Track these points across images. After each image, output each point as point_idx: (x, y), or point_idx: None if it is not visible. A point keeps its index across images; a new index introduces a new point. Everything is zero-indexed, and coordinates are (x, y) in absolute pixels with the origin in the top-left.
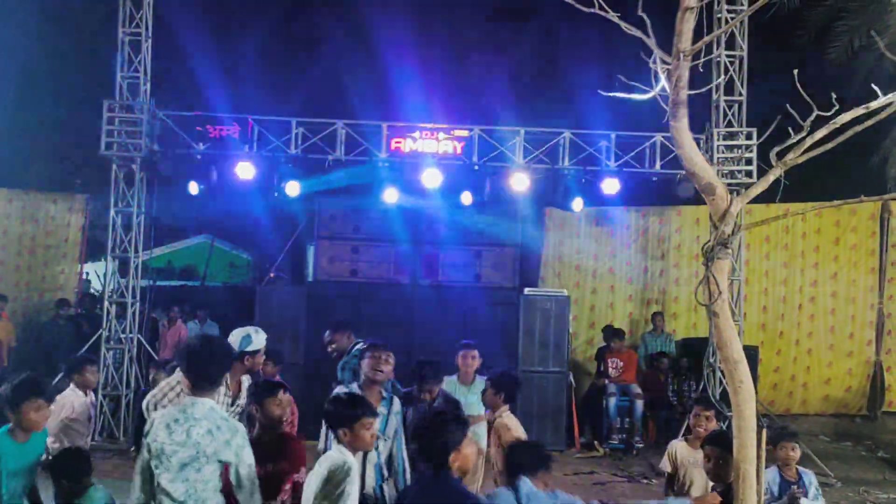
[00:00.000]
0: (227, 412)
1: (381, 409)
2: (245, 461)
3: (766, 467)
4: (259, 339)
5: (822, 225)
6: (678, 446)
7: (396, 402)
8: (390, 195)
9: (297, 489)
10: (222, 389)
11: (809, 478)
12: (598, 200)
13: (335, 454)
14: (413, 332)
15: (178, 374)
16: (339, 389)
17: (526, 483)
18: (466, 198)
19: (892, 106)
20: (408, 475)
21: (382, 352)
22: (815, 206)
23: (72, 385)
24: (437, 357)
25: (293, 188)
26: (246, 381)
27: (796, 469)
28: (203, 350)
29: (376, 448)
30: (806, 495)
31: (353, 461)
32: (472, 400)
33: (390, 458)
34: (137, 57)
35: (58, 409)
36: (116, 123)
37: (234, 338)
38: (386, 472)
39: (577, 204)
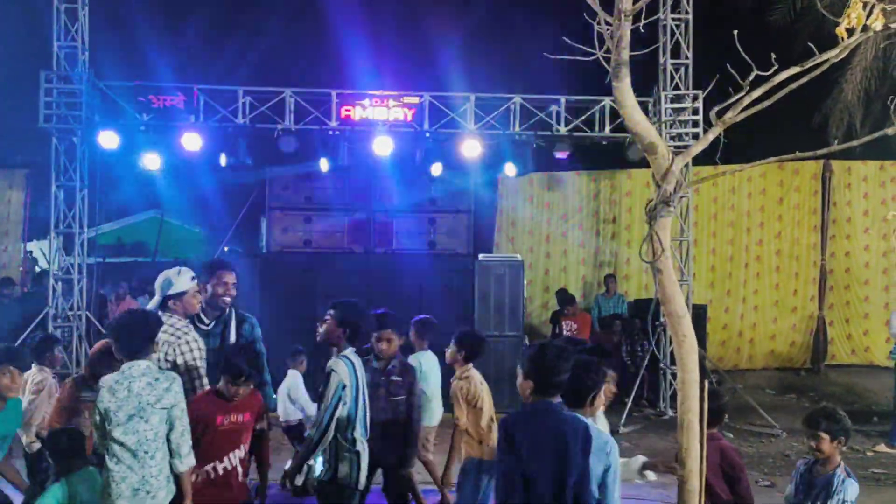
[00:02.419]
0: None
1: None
2: (180, 405)
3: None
4: (182, 279)
5: (766, 185)
6: None
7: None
8: (324, 164)
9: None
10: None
11: (843, 491)
12: (549, 165)
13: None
14: (368, 302)
15: None
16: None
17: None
18: (435, 168)
19: (826, 64)
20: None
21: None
22: (752, 164)
23: (41, 366)
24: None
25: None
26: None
27: (836, 469)
28: (125, 325)
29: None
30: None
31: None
32: None
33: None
34: (74, 26)
35: (45, 395)
36: (55, 95)
37: (157, 283)
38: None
39: (510, 169)
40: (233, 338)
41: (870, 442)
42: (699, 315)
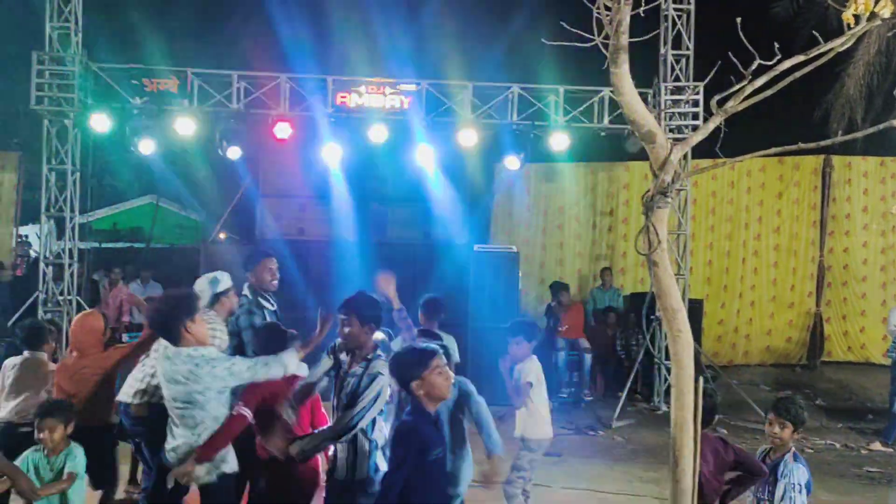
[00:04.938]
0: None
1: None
2: (234, 368)
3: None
4: (225, 279)
5: (766, 180)
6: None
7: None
8: (320, 155)
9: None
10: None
11: (789, 475)
12: (547, 156)
13: None
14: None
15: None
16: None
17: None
18: (416, 154)
19: (830, 53)
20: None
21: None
22: (752, 155)
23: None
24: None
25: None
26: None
27: (786, 455)
28: (156, 310)
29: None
30: (763, 497)
31: None
32: None
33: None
34: (68, 6)
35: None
36: (47, 76)
37: (202, 284)
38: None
39: (513, 162)
40: None
41: (864, 440)
42: (695, 310)
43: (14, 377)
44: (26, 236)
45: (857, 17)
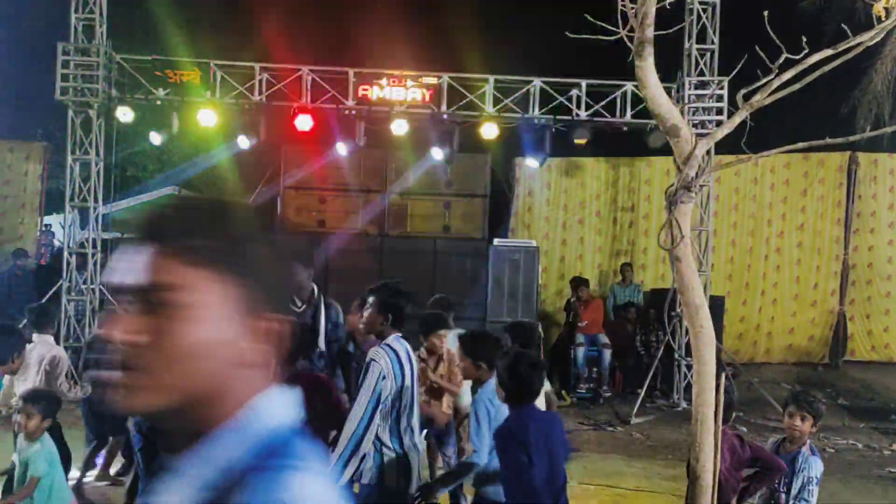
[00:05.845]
0: None
1: None
2: None
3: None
4: None
5: (790, 176)
6: None
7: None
8: (341, 148)
9: None
10: None
11: (807, 469)
12: (568, 150)
13: None
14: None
15: None
16: None
17: None
18: (437, 152)
19: (859, 47)
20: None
21: None
22: (779, 150)
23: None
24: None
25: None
26: None
27: (802, 447)
28: None
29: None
30: (780, 489)
31: None
32: None
33: None
34: None
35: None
36: (72, 67)
37: None
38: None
39: (533, 163)
40: (322, 319)
41: (887, 440)
42: (716, 307)
43: (24, 361)
44: (50, 226)
45: (887, 11)
